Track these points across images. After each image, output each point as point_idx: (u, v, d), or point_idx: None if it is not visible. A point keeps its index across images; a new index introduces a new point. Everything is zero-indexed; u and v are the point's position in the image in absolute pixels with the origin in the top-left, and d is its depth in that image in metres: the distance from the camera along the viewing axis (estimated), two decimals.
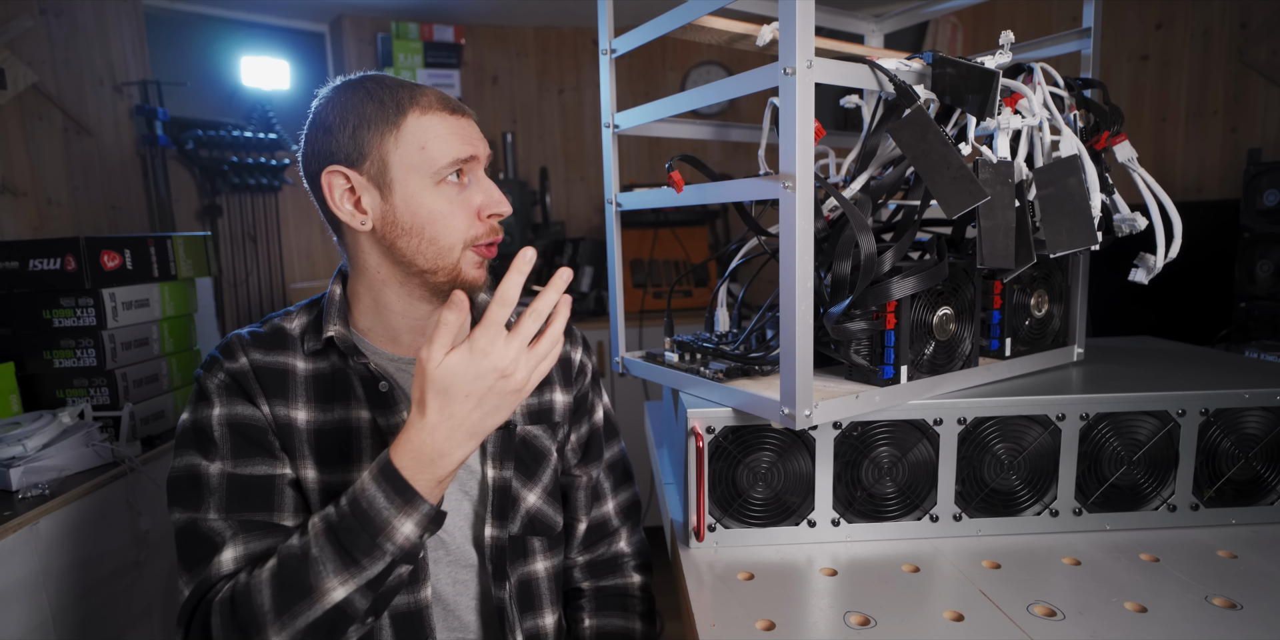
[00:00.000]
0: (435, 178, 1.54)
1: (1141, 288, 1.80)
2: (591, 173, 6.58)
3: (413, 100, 1.54)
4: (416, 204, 1.54)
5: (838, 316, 1.57)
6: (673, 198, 1.80)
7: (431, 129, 1.53)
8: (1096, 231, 1.61)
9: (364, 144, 1.53)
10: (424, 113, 1.54)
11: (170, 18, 5.11)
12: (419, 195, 1.54)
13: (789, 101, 1.42)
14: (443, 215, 1.56)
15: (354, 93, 1.56)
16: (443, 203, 1.55)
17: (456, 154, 1.54)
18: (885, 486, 1.69)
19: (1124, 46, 5.17)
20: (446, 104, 1.57)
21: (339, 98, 1.57)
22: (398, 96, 1.54)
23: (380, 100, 1.54)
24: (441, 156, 1.53)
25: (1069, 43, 1.98)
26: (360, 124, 1.53)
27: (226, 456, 1.56)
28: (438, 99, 1.57)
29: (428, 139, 1.53)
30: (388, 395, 1.64)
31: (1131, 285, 1.78)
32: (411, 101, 1.54)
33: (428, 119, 1.54)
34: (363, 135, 1.53)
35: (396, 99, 1.54)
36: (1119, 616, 1.38)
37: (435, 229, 1.56)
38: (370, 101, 1.54)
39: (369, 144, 1.53)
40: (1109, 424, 1.71)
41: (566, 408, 1.88)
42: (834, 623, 1.39)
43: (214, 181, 4.92)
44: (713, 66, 6.39)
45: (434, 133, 1.53)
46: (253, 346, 1.66)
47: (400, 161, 1.53)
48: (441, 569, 1.68)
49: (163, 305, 3.03)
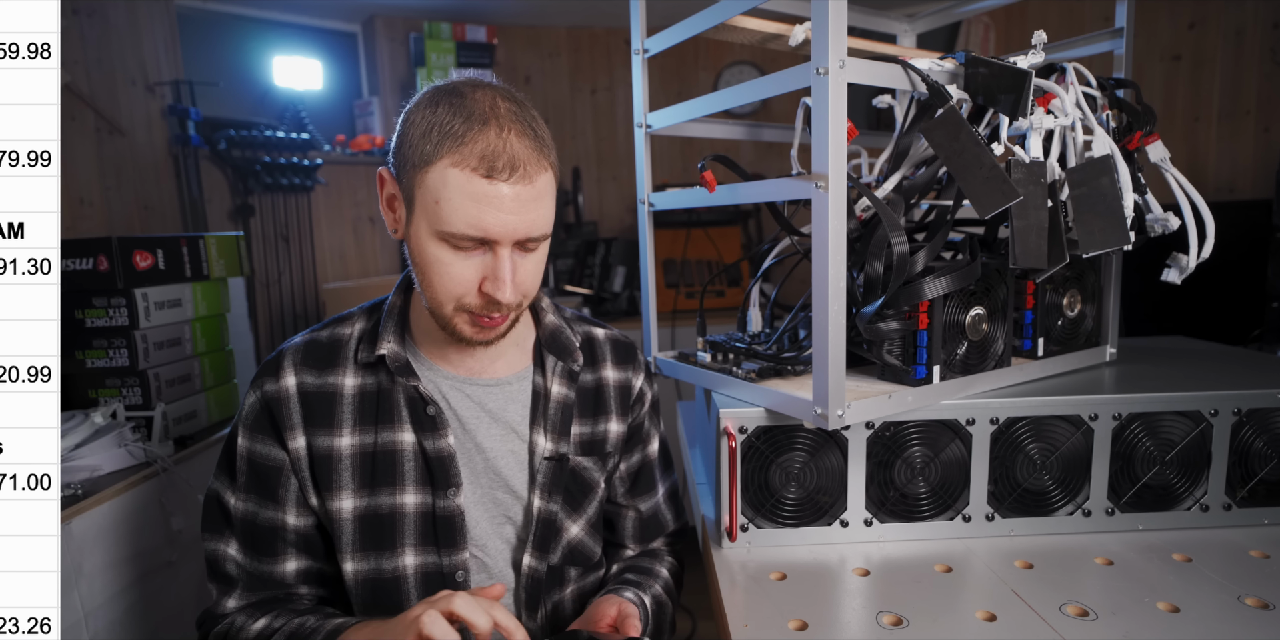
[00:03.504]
0: (439, 235, 1.45)
1: (1174, 288, 1.80)
2: (624, 173, 6.56)
3: (455, 146, 1.40)
4: (421, 245, 1.48)
5: (870, 316, 1.58)
6: (705, 198, 1.80)
7: (452, 188, 1.41)
8: (1129, 231, 1.61)
9: (404, 165, 1.47)
10: (454, 166, 1.40)
11: (202, 17, 5.13)
12: (423, 238, 1.48)
13: (821, 101, 1.42)
14: (440, 265, 1.48)
15: (426, 107, 1.47)
16: (444, 254, 1.47)
17: (466, 231, 1.42)
18: (918, 486, 1.69)
19: (1156, 46, 5.15)
20: (486, 163, 1.40)
21: (418, 103, 1.50)
22: (445, 132, 1.41)
23: (430, 129, 1.43)
24: (448, 223, 1.43)
25: (1102, 43, 1.97)
26: (408, 144, 1.46)
27: (242, 493, 1.65)
28: (482, 155, 1.40)
29: (444, 197, 1.42)
30: (435, 419, 1.62)
31: (1164, 285, 1.78)
32: (453, 147, 1.40)
33: (454, 175, 1.41)
34: (405, 155, 1.47)
35: (441, 136, 1.41)
36: (1151, 616, 1.38)
37: (431, 276, 1.50)
38: (426, 125, 1.44)
39: (405, 168, 1.48)
40: (1141, 424, 1.70)
41: (620, 437, 1.82)
42: (866, 623, 1.40)
43: (246, 181, 4.91)
44: (745, 66, 6.37)
45: (452, 194, 1.41)
46: (304, 364, 1.65)
47: (420, 200, 1.46)
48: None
49: (195, 305, 3.03)
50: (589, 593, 1.79)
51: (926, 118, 1.60)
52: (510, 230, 1.43)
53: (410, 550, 1.61)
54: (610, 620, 1.54)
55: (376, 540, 1.61)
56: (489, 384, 1.69)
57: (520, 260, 1.50)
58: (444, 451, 1.61)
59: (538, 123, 1.49)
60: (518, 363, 1.74)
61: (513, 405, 1.70)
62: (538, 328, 1.77)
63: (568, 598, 1.76)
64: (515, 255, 1.49)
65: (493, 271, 1.47)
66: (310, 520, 1.64)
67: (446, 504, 1.60)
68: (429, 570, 1.62)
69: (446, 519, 1.60)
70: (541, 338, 1.76)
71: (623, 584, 1.72)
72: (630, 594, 1.65)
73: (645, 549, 1.92)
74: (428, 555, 1.62)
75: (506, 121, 1.43)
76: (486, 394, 1.68)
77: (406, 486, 1.61)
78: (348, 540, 1.60)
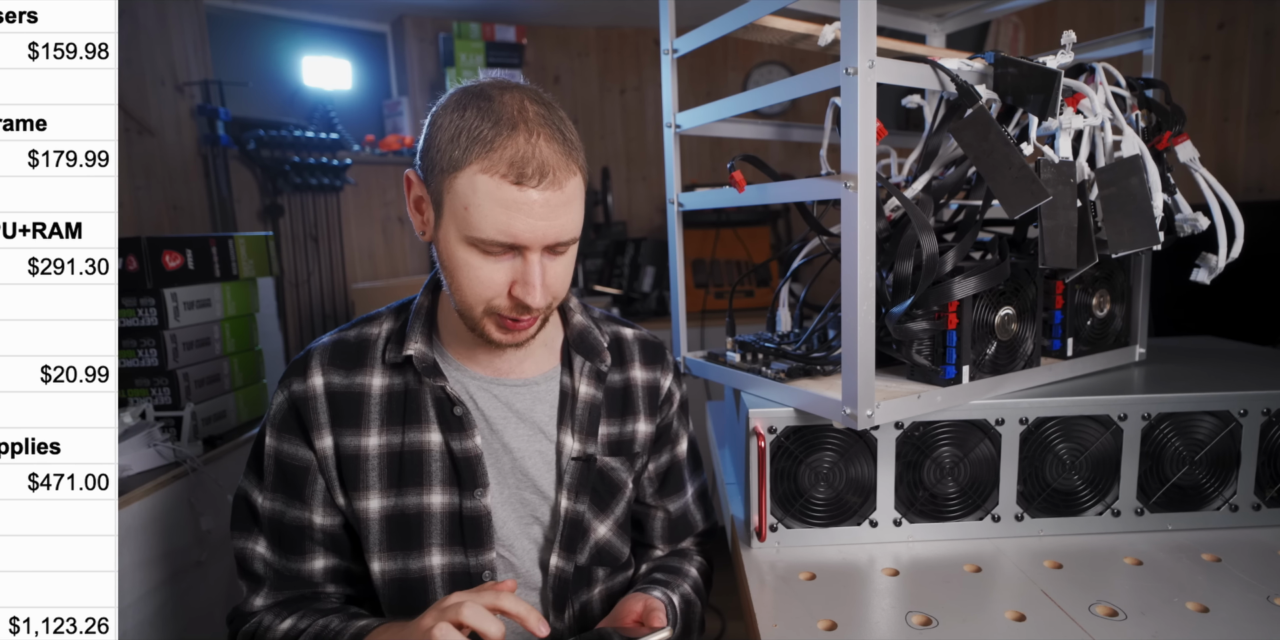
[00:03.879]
0: (468, 240, 1.46)
1: (1203, 288, 1.79)
2: (653, 173, 6.56)
3: (484, 152, 1.40)
4: (450, 248, 1.49)
5: (899, 316, 1.58)
6: (734, 198, 1.80)
7: (481, 194, 1.41)
8: (1158, 231, 1.60)
9: (432, 169, 1.47)
10: (483, 172, 1.40)
11: (232, 17, 5.15)
12: (452, 242, 1.48)
13: (851, 101, 1.42)
14: (469, 269, 1.48)
15: (454, 110, 1.46)
16: (473, 258, 1.47)
17: (496, 236, 1.42)
18: (947, 486, 1.70)
19: (1185, 46, 5.13)
20: (515, 169, 1.40)
21: (445, 106, 1.49)
22: (474, 137, 1.41)
23: (458, 134, 1.42)
24: (477, 229, 1.43)
25: (1131, 43, 1.97)
26: (436, 148, 1.46)
27: (270, 492, 1.67)
28: (511, 161, 1.40)
29: (473, 203, 1.42)
30: (462, 419, 1.62)
31: (1193, 285, 1.78)
32: (481, 153, 1.40)
33: (482, 181, 1.41)
34: (433, 160, 1.46)
35: (470, 142, 1.41)
36: (1181, 617, 1.38)
37: (459, 280, 1.50)
38: (454, 129, 1.43)
39: (433, 173, 1.47)
40: (1171, 424, 1.70)
41: (648, 438, 1.82)
42: (895, 623, 1.40)
43: (275, 181, 4.91)
44: (774, 66, 6.36)
45: (481, 200, 1.41)
46: (331, 363, 1.66)
47: (448, 205, 1.46)
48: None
49: (224, 305, 3.04)
50: (617, 593, 1.80)
51: (956, 118, 1.60)
52: (540, 236, 1.43)
53: (437, 550, 1.62)
54: (636, 616, 1.54)
55: (404, 540, 1.62)
56: (516, 384, 1.69)
57: (549, 264, 1.50)
58: (471, 452, 1.61)
59: (566, 125, 1.49)
60: (545, 363, 1.74)
61: (540, 405, 1.70)
62: (565, 328, 1.78)
63: (595, 598, 1.76)
64: (544, 259, 1.49)
65: (522, 276, 1.47)
66: (337, 520, 1.65)
67: (473, 504, 1.61)
68: (456, 570, 1.63)
69: (473, 519, 1.61)
70: (569, 338, 1.76)
71: (651, 583, 1.73)
72: (658, 592, 1.65)
73: (674, 549, 1.91)
74: (455, 555, 1.63)
75: (535, 126, 1.43)
76: (514, 394, 1.69)
77: (434, 487, 1.62)
78: (375, 540, 1.61)
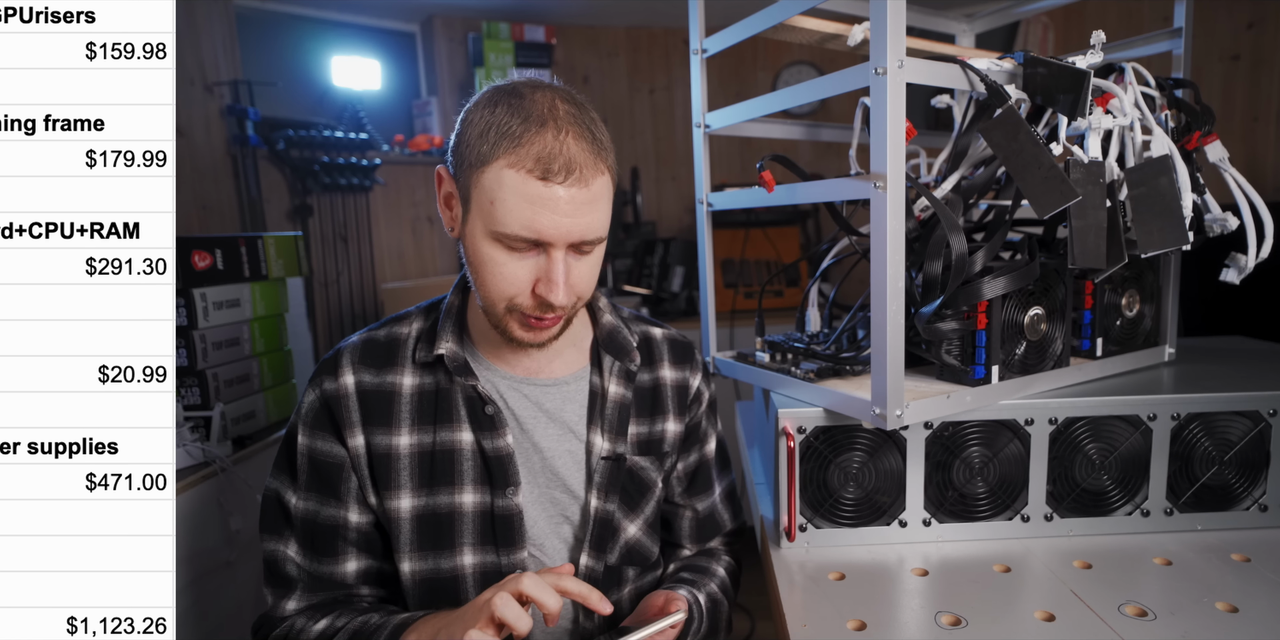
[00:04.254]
0: (493, 236, 1.46)
1: (1232, 288, 1.79)
2: (682, 172, 6.56)
3: (511, 147, 1.40)
4: (475, 244, 1.49)
5: (929, 316, 1.58)
6: (764, 198, 1.81)
7: (507, 189, 1.41)
8: (1188, 231, 1.60)
9: (461, 164, 1.48)
10: (510, 167, 1.41)
11: (261, 17, 5.17)
12: (478, 238, 1.48)
13: (880, 101, 1.43)
14: (493, 265, 1.48)
15: (485, 107, 1.47)
16: (498, 254, 1.47)
17: (520, 232, 1.42)
18: (976, 486, 1.70)
19: (1215, 46, 5.10)
20: (542, 165, 1.40)
21: (477, 102, 1.51)
22: (503, 133, 1.41)
23: (487, 129, 1.43)
24: (502, 224, 1.43)
25: (1160, 43, 1.96)
26: (465, 143, 1.47)
27: (303, 491, 1.66)
28: (538, 156, 1.40)
29: (499, 197, 1.42)
30: (493, 418, 1.63)
31: (1222, 285, 1.77)
32: (509, 148, 1.40)
33: (509, 176, 1.41)
34: (463, 155, 1.47)
35: (498, 137, 1.41)
36: (1210, 617, 1.38)
37: (484, 276, 1.50)
38: (484, 124, 1.44)
39: (462, 168, 1.48)
40: (1200, 424, 1.70)
41: (677, 437, 1.82)
42: (925, 623, 1.40)
43: (305, 181, 4.93)
44: (804, 66, 6.35)
45: (507, 195, 1.42)
46: (361, 362, 1.66)
47: (475, 200, 1.47)
48: None
49: (254, 305, 3.05)
50: (646, 593, 1.78)
51: (985, 117, 1.61)
52: (564, 233, 1.43)
53: (469, 549, 1.62)
54: (656, 610, 1.55)
55: (435, 539, 1.62)
56: (546, 384, 1.70)
57: (574, 262, 1.50)
58: (502, 451, 1.61)
59: (597, 125, 1.49)
60: (575, 362, 1.75)
61: (570, 405, 1.71)
62: (595, 327, 1.78)
63: (626, 598, 1.76)
64: (569, 258, 1.48)
65: (546, 273, 1.47)
66: (371, 518, 1.66)
67: (505, 503, 1.61)
68: (487, 570, 1.63)
69: (505, 518, 1.61)
70: (598, 337, 1.76)
71: (677, 582, 1.74)
72: (684, 591, 1.66)
73: (703, 549, 1.92)
74: (486, 555, 1.63)
75: (565, 123, 1.43)
76: (544, 394, 1.69)
77: (465, 486, 1.62)
78: (405, 539, 1.62)
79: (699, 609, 1.65)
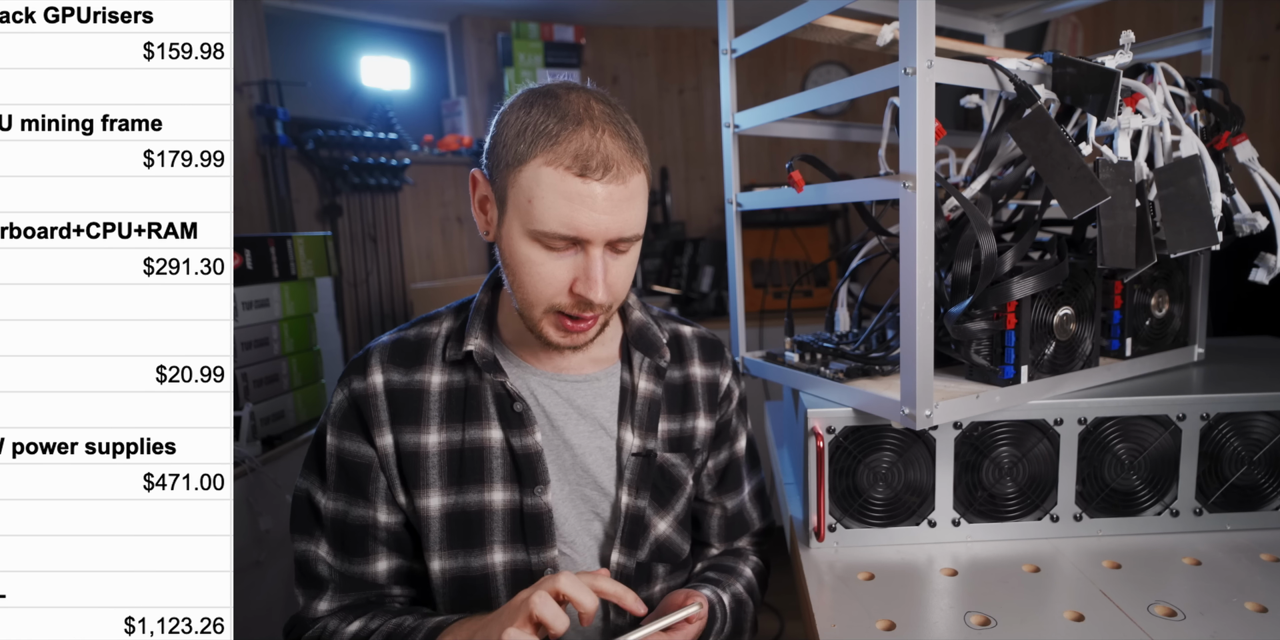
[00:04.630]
0: (532, 235, 1.46)
1: (1262, 288, 1.79)
2: (712, 173, 6.53)
3: (549, 145, 1.41)
4: (513, 244, 1.49)
5: (958, 316, 1.58)
6: (793, 198, 1.81)
7: (545, 187, 1.42)
8: (1217, 231, 1.60)
9: (497, 165, 1.49)
10: (548, 164, 1.41)
11: (290, 18, 5.17)
12: (515, 238, 1.48)
13: (909, 101, 1.43)
14: (531, 265, 1.48)
15: (521, 108, 1.49)
16: (536, 253, 1.48)
17: (559, 229, 1.43)
18: (1005, 486, 1.70)
19: (1244, 46, 5.07)
20: (580, 162, 1.41)
21: (512, 104, 1.52)
22: (540, 132, 1.43)
23: (524, 129, 1.44)
24: (541, 222, 1.43)
25: (1189, 43, 1.96)
26: (502, 144, 1.48)
27: (332, 491, 1.67)
28: (576, 154, 1.41)
29: (537, 195, 1.43)
30: (522, 415, 1.63)
31: (1252, 285, 1.77)
32: (547, 146, 1.41)
33: (547, 173, 1.42)
34: (499, 155, 1.48)
35: (536, 136, 1.43)
36: (1239, 617, 1.38)
37: (522, 276, 1.51)
38: (520, 125, 1.45)
39: (498, 169, 1.49)
40: (1229, 424, 1.70)
41: (707, 434, 1.82)
42: (954, 623, 1.40)
43: (334, 181, 4.93)
44: (833, 66, 6.33)
45: (545, 192, 1.42)
46: (391, 361, 1.67)
47: (512, 200, 1.47)
48: None
49: (283, 305, 3.07)
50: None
51: (1014, 118, 1.60)
52: (603, 230, 1.44)
53: (499, 548, 1.63)
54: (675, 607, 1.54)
55: (465, 538, 1.62)
56: (577, 380, 1.70)
57: (611, 261, 1.51)
58: (531, 448, 1.62)
59: (631, 126, 1.50)
60: (605, 359, 1.75)
61: (600, 402, 1.71)
62: (624, 325, 1.79)
63: (656, 595, 1.76)
64: (607, 256, 1.49)
65: (584, 271, 1.47)
66: (400, 518, 1.66)
67: (534, 501, 1.61)
68: (518, 568, 1.63)
69: (535, 516, 1.62)
70: (628, 334, 1.77)
71: (703, 582, 1.74)
72: (708, 590, 1.66)
73: (730, 547, 1.92)
74: (516, 552, 1.63)
75: (600, 122, 1.44)
76: (574, 390, 1.70)
77: (494, 484, 1.62)
78: (435, 538, 1.62)
79: (723, 609, 1.65)
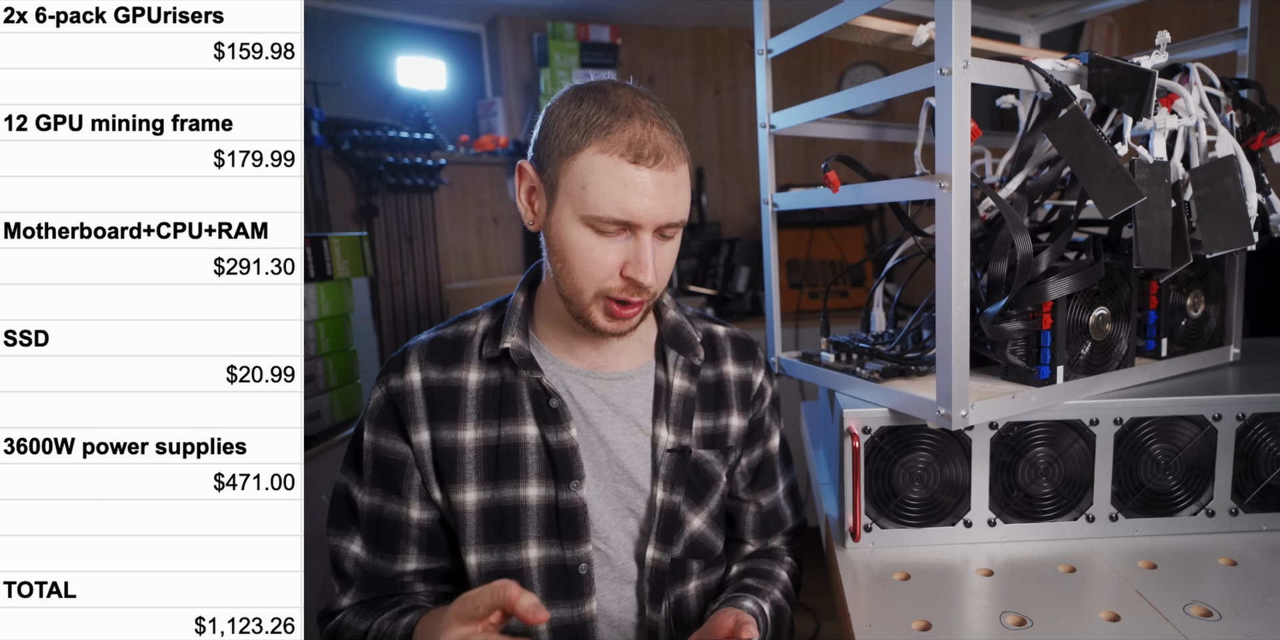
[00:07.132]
0: (585, 220, 1.51)
1: None
2: (748, 173, 6.54)
3: (602, 134, 1.48)
4: (564, 231, 1.53)
5: (994, 317, 1.58)
6: (829, 198, 1.81)
7: (600, 173, 1.47)
8: (1252, 232, 1.60)
9: (549, 155, 1.53)
10: (602, 152, 1.47)
11: (326, 18, 5.19)
12: (567, 224, 1.52)
13: (945, 102, 1.44)
14: (583, 250, 1.53)
15: (571, 102, 1.54)
16: (587, 238, 1.52)
17: (613, 213, 1.48)
18: (1041, 487, 1.70)
19: None
20: (633, 150, 1.47)
21: (561, 99, 1.57)
22: (592, 123, 1.48)
23: (576, 121, 1.50)
24: (595, 207, 1.48)
25: (1225, 43, 1.96)
26: (553, 135, 1.53)
27: (368, 487, 1.70)
28: (629, 142, 1.47)
29: (591, 181, 1.48)
30: (558, 411, 1.65)
31: None
32: (600, 135, 1.48)
33: (601, 160, 1.47)
34: (551, 146, 1.53)
35: (589, 126, 1.48)
36: (1275, 617, 1.38)
37: (572, 262, 1.54)
38: (572, 117, 1.51)
39: (550, 158, 1.53)
40: (1265, 424, 1.70)
41: (741, 432, 1.83)
42: (990, 623, 1.41)
43: (370, 181, 4.93)
44: (869, 66, 6.31)
45: (599, 178, 1.47)
46: (428, 359, 1.70)
47: (564, 187, 1.51)
48: (606, 585, 1.69)
49: (319, 305, 3.06)
50: (712, 588, 1.82)
51: (1050, 118, 1.61)
52: (654, 215, 1.49)
53: (534, 543, 1.64)
54: (727, 632, 1.55)
55: (500, 533, 1.64)
56: (612, 377, 1.72)
57: (658, 247, 1.54)
58: (566, 444, 1.63)
59: (673, 122, 1.55)
60: (640, 357, 1.77)
61: (635, 399, 1.72)
62: (659, 323, 1.80)
63: (691, 592, 1.77)
64: (655, 241, 1.53)
65: (635, 255, 1.52)
66: (433, 514, 1.68)
67: (569, 497, 1.63)
68: (552, 563, 1.65)
69: (569, 511, 1.63)
70: (663, 333, 1.78)
71: (742, 591, 1.74)
72: (749, 603, 1.66)
73: (764, 546, 1.92)
74: (551, 548, 1.65)
75: (648, 115, 1.51)
76: (609, 387, 1.71)
77: (530, 479, 1.64)
78: (471, 533, 1.64)
79: (764, 620, 1.66)
